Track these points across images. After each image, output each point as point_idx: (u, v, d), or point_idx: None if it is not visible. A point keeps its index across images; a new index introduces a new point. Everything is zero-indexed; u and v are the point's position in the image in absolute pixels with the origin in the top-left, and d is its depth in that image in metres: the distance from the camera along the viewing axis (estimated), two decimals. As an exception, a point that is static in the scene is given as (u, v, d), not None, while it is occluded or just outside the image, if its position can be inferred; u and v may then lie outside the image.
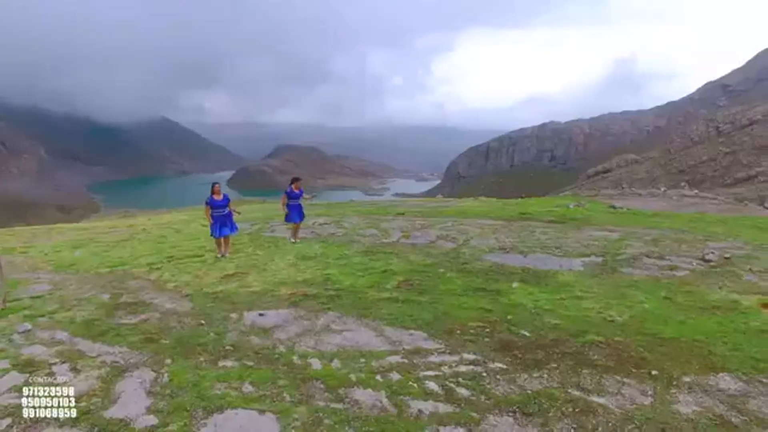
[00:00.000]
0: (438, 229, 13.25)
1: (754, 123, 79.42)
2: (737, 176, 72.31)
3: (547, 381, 4.96)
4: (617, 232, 12.36)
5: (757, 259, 9.36)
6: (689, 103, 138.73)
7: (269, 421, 4.29)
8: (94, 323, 7.03)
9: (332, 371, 5.19)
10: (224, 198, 11.47)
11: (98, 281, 9.78)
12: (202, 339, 6.20)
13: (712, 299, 7.20)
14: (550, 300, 7.27)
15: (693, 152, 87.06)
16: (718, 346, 5.63)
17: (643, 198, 21.34)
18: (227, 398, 4.64)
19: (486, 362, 5.38)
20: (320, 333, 6.33)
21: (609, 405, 4.51)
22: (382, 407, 4.51)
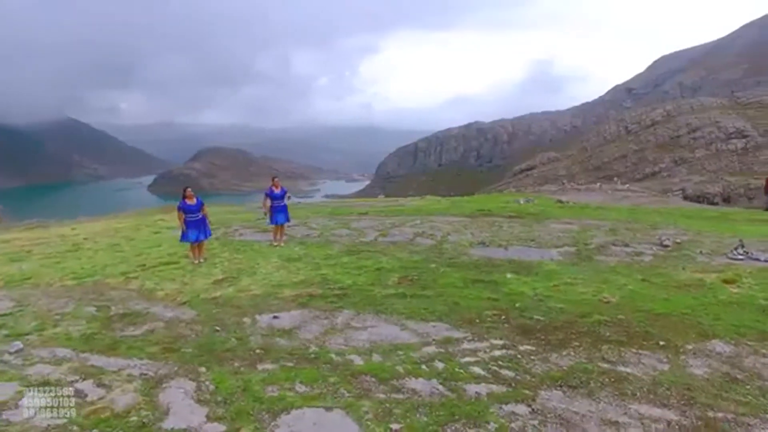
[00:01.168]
0: (410, 227, 13.63)
1: (656, 123, 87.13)
2: (645, 171, 79.20)
3: (576, 357, 5.46)
4: (575, 224, 13.42)
5: (701, 243, 10.62)
6: (601, 105, 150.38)
7: (340, 416, 4.39)
8: (95, 337, 6.65)
9: (377, 365, 5.35)
10: (197, 202, 11.11)
11: (71, 294, 9.13)
12: (226, 345, 6.09)
13: (681, 279, 8.15)
14: (546, 287, 7.86)
15: (607, 150, 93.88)
16: (703, 318, 6.45)
17: (582, 193, 23.17)
18: (286, 399, 4.66)
19: (515, 345, 5.79)
20: (345, 331, 6.44)
21: (636, 373, 5.08)
22: (440, 393, 4.76)
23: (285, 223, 12.31)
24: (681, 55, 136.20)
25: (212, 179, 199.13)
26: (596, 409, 4.46)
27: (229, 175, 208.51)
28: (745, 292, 7.41)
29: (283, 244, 12.10)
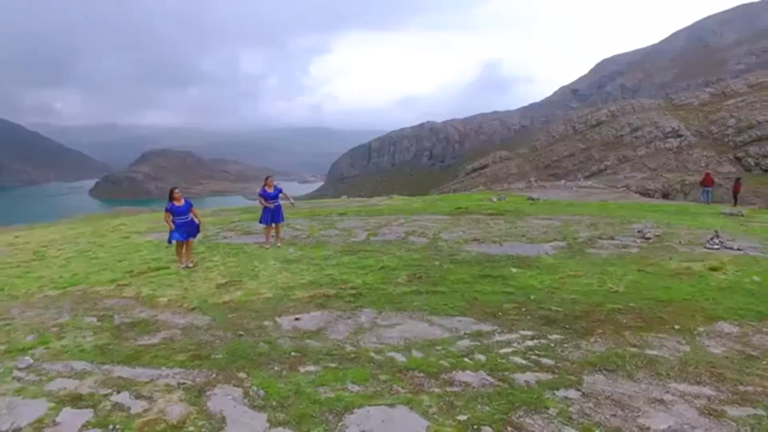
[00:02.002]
0: (398, 226, 13.76)
1: (601, 123, 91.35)
2: (592, 169, 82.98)
3: (605, 344, 5.78)
4: (555, 220, 14.01)
5: (677, 235, 11.40)
6: (548, 105, 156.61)
7: (404, 412, 4.45)
8: (111, 348, 6.35)
9: (421, 361, 5.45)
10: (185, 204, 10.77)
11: (59, 304, 8.63)
12: (257, 349, 5.99)
13: (671, 268, 8.74)
14: (553, 280, 8.21)
15: (556, 148, 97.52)
16: (703, 302, 6.98)
17: (549, 190, 24.13)
18: (344, 399, 4.67)
19: (544, 335, 6.05)
20: (373, 329, 6.48)
21: (663, 355, 5.45)
22: (492, 384, 4.92)
23: (280, 222, 12.12)
24: (621, 59, 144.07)
25: (159, 182, 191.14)
26: (640, 389, 4.76)
27: (177, 178, 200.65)
28: (731, 278, 8.05)
29: (280, 244, 11.92)
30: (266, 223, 11.91)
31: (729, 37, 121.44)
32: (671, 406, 4.47)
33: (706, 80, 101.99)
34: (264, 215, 11.88)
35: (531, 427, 4.20)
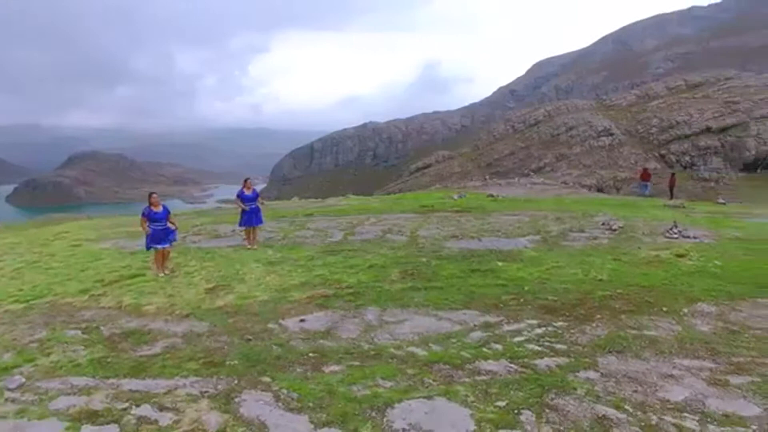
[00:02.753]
0: (371, 225, 13.85)
1: (539, 122, 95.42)
2: (531, 167, 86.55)
3: (606, 328, 6.18)
4: (521, 215, 14.63)
5: (637, 226, 12.27)
6: (487, 105, 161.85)
7: (444, 403, 4.57)
8: (109, 361, 6.01)
9: (442, 354, 5.59)
10: (164, 210, 10.33)
11: (27, 319, 7.98)
12: (272, 352, 5.88)
13: (642, 256, 9.43)
14: (539, 271, 8.63)
15: (496, 147, 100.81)
16: (680, 286, 7.61)
17: (503, 187, 25.08)
18: (381, 396, 4.70)
19: (549, 323, 6.38)
20: (383, 326, 6.55)
21: (661, 335, 5.92)
22: (517, 370, 5.14)
23: (259, 225, 11.89)
24: (554, 61, 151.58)
25: (89, 187, 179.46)
26: (650, 367, 5.16)
27: (109, 183, 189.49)
28: (696, 263, 8.82)
29: (256, 246, 11.68)
30: (246, 226, 11.67)
31: (649, 43, 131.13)
32: (681, 379, 4.88)
33: (631, 83, 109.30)
34: (243, 218, 11.64)
35: (566, 407, 4.45)
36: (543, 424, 4.19)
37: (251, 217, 11.61)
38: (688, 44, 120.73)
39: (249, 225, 11.67)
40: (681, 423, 4.13)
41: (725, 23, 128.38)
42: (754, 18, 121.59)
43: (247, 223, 11.63)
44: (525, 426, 4.16)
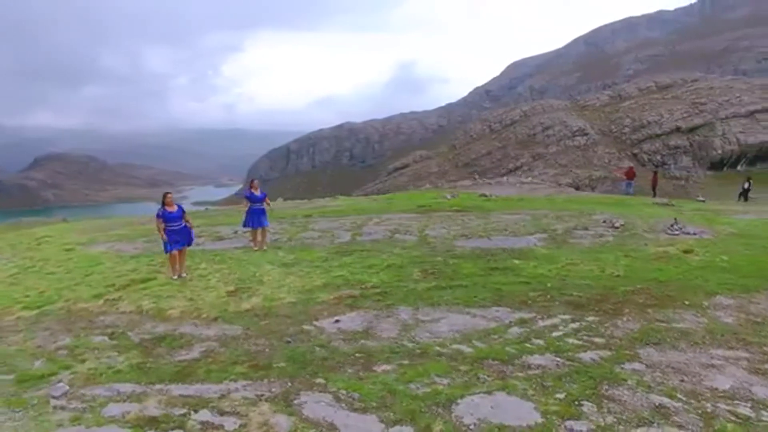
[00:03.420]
0: (376, 225, 13.92)
1: (515, 122, 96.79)
2: (508, 167, 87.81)
3: (636, 322, 6.43)
4: (522, 214, 14.93)
5: (637, 224, 12.68)
6: (463, 105, 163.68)
7: (505, 396, 4.69)
8: (148, 367, 5.94)
9: (488, 350, 5.72)
10: (178, 209, 10.18)
11: (46, 325, 7.79)
12: (316, 354, 5.90)
13: (651, 252, 9.78)
14: (557, 269, 8.86)
15: (474, 147, 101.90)
16: (695, 281, 7.94)
17: (493, 186, 25.47)
18: (442, 392, 4.78)
19: (581, 318, 6.59)
20: (420, 325, 6.64)
21: (690, 327, 6.20)
22: (564, 364, 5.32)
23: (266, 226, 11.82)
24: (529, 62, 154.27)
25: (58, 190, 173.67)
26: (689, 357, 5.41)
27: (79, 185, 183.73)
28: (704, 259, 9.21)
29: (266, 248, 11.61)
30: (252, 227, 11.60)
31: (620, 46, 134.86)
32: (723, 369, 5.14)
33: (603, 83, 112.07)
34: (249, 219, 11.56)
35: (621, 397, 4.64)
36: (605, 414, 4.36)
37: (258, 217, 11.54)
38: (656, 47, 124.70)
39: (255, 226, 11.60)
40: (735, 410, 4.36)
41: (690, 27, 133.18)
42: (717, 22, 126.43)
43: (253, 224, 11.57)
44: (589, 416, 4.33)
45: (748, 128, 63.54)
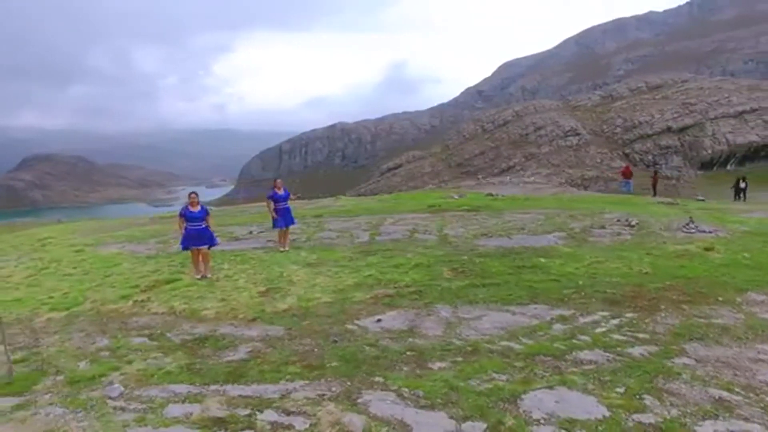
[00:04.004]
0: (393, 225, 14.00)
1: (508, 123, 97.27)
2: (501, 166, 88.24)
3: (675, 318, 6.57)
4: (534, 213, 15.10)
5: (651, 222, 12.88)
6: (455, 105, 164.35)
7: (566, 391, 4.78)
8: (197, 368, 5.93)
9: (537, 346, 5.81)
10: (201, 210, 10.19)
11: (77, 327, 7.75)
12: (367, 353, 5.92)
13: (671, 250, 9.96)
14: (584, 267, 9.00)
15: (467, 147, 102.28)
16: (722, 278, 8.12)
17: (497, 186, 25.69)
18: (503, 388, 4.84)
19: (621, 314, 6.72)
20: (463, 323, 6.72)
21: (728, 322, 6.35)
22: (615, 359, 5.43)
23: (292, 225, 11.85)
24: (520, 62, 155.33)
25: (46, 191, 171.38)
26: (736, 352, 5.55)
27: (68, 186, 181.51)
28: (725, 256, 9.41)
29: (287, 248, 11.64)
30: (281, 227, 11.62)
31: (610, 46, 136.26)
32: (769, 363, 5.29)
33: (594, 83, 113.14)
34: (276, 220, 11.59)
35: (680, 391, 4.76)
36: (669, 407, 4.48)
37: (285, 217, 11.57)
38: (646, 47, 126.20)
39: (283, 226, 11.62)
40: (795, 403, 4.50)
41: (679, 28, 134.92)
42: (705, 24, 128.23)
43: (284, 224, 11.59)
44: (653, 410, 4.44)
45: (737, 128, 64.53)
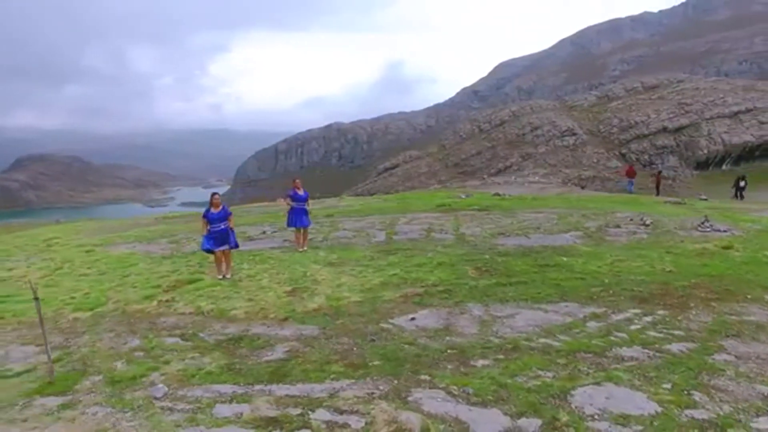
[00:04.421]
0: (408, 225, 14.03)
1: (504, 122, 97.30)
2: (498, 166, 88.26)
3: (707, 315, 6.66)
4: (545, 213, 15.19)
5: (665, 222, 13.00)
6: (451, 105, 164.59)
7: (614, 387, 4.83)
8: (238, 368, 5.94)
9: (576, 343, 5.87)
10: (222, 210, 10.18)
11: (105, 327, 7.75)
12: (407, 351, 5.96)
13: (690, 249, 10.06)
14: (607, 265, 9.08)
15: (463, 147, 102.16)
16: (746, 275, 8.23)
17: (502, 186, 25.79)
18: (552, 385, 4.90)
19: (652, 312, 6.80)
20: (498, 321, 6.77)
21: (761, 319, 6.45)
22: (654, 355, 5.51)
23: (308, 226, 11.88)
24: (516, 63, 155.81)
25: (41, 191, 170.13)
26: (773, 349, 5.64)
27: (63, 186, 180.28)
28: (746, 254, 9.52)
29: (306, 248, 11.67)
30: (295, 226, 11.64)
31: (605, 47, 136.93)
32: (809, 359, 5.37)
33: (590, 84, 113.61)
34: (292, 218, 11.61)
35: (726, 387, 4.83)
36: (719, 403, 4.55)
37: (300, 217, 11.59)
38: (641, 48, 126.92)
39: (298, 226, 11.65)
40: (843, 397, 4.58)
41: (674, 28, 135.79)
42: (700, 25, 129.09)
43: (296, 223, 11.62)
44: (704, 406, 4.51)
45: (732, 128, 64.97)
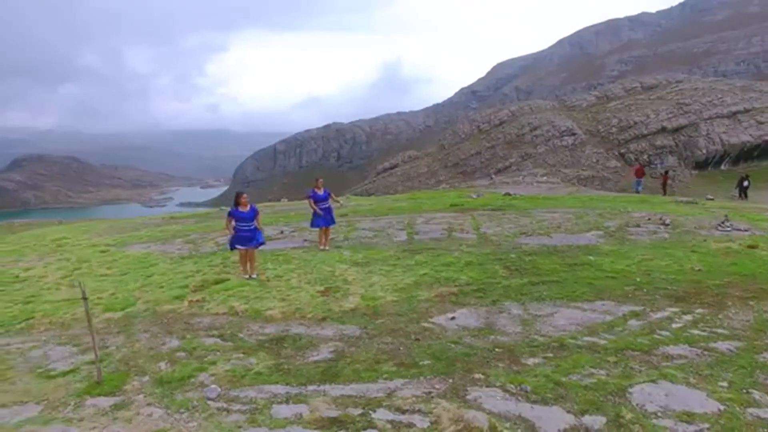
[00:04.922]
0: (426, 224, 14.06)
1: (504, 123, 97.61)
2: (497, 166, 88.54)
3: (746, 313, 6.72)
4: (562, 212, 15.25)
5: (683, 221, 13.07)
6: (450, 105, 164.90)
7: (671, 385, 4.88)
8: (286, 368, 5.92)
9: (621, 342, 5.92)
10: (251, 210, 10.17)
11: (139, 328, 7.74)
12: (455, 350, 5.98)
13: (715, 248, 10.13)
14: (635, 264, 9.13)
15: (463, 147, 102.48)
16: (776, 274, 8.27)
17: (511, 185, 25.86)
18: (608, 383, 4.94)
19: (690, 310, 6.85)
20: (538, 319, 6.81)
21: (802, 318, 6.50)
22: (702, 353, 5.57)
23: (332, 225, 11.90)
24: (514, 63, 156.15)
25: (38, 192, 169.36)
26: (819, 347, 5.70)
27: (60, 187, 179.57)
28: (771, 253, 9.59)
29: (328, 247, 11.69)
30: (319, 227, 11.65)
31: (603, 47, 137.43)
32: None
33: (589, 84, 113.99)
34: (316, 219, 11.61)
35: (783, 386, 4.89)
36: (779, 400, 4.60)
37: (325, 217, 11.60)
38: (639, 48, 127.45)
39: (323, 225, 11.66)
40: None
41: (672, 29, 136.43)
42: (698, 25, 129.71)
43: (323, 223, 11.62)
44: (765, 405, 4.56)
45: (730, 128, 65.39)
